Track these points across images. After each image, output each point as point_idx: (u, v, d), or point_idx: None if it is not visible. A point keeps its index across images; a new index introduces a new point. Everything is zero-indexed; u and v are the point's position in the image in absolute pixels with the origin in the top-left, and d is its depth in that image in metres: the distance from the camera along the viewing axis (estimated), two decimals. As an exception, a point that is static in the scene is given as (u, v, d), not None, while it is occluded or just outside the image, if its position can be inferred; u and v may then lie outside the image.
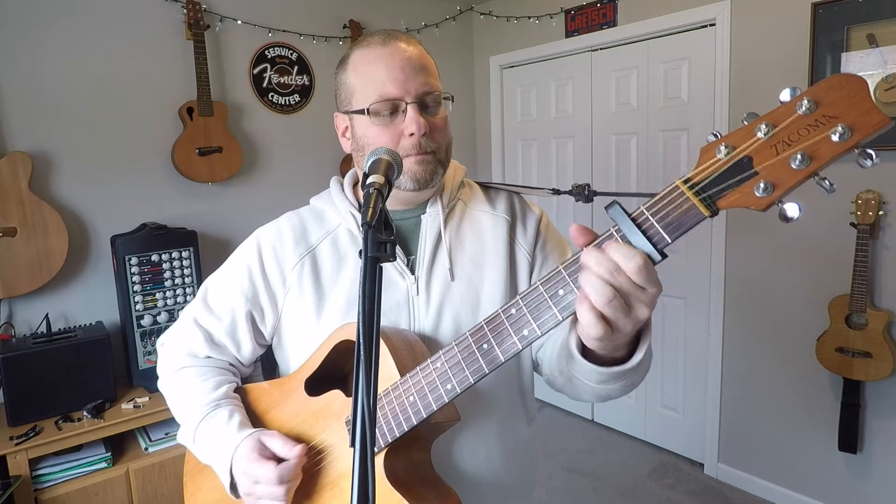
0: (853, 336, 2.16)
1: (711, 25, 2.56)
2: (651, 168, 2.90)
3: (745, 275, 2.58)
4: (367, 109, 0.84)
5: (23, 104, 2.15)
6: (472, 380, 0.69)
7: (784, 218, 0.53)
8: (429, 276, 0.89)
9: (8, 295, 2.05)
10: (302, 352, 0.90)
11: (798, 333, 2.41)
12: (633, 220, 0.58)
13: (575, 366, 0.71)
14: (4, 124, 2.12)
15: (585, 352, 0.69)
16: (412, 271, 0.90)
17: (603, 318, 0.58)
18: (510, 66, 3.51)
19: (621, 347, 0.67)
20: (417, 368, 0.74)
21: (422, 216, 0.93)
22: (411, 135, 0.83)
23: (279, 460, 0.81)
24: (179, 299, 2.28)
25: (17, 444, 1.82)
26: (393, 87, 0.82)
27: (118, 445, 2.09)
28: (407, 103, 0.83)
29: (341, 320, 0.87)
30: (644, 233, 0.57)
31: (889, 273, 2.14)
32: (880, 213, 2.09)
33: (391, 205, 0.92)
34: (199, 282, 2.31)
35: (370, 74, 0.84)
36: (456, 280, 0.90)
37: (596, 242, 0.60)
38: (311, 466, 0.84)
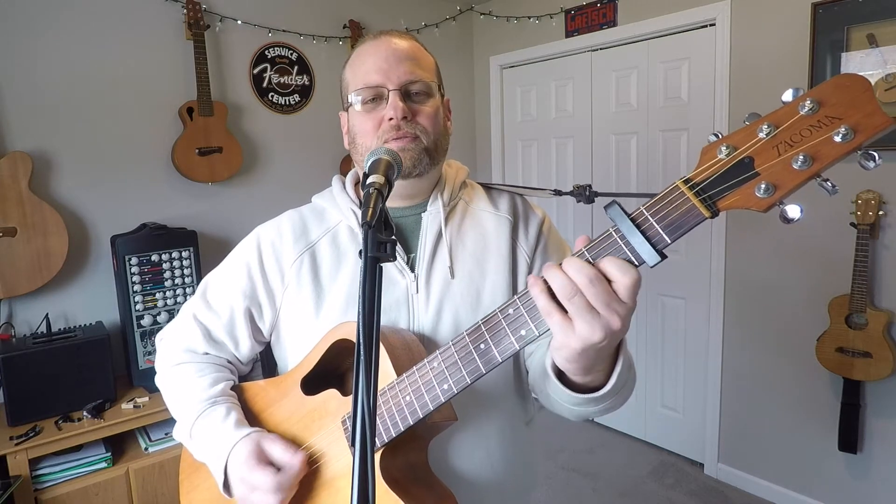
0: (853, 336, 2.16)
1: (711, 25, 2.56)
2: (651, 168, 2.89)
3: (745, 275, 2.58)
4: (352, 97, 0.87)
5: (23, 104, 2.15)
6: (468, 380, 0.68)
7: (785, 219, 0.53)
8: (428, 273, 0.89)
9: (8, 295, 2.05)
10: (300, 349, 0.89)
11: (798, 333, 2.41)
12: (633, 220, 0.58)
13: (551, 386, 0.73)
14: (4, 124, 2.12)
15: (562, 374, 0.70)
16: (412, 269, 0.89)
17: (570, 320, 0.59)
18: (510, 66, 3.51)
19: (594, 370, 0.67)
20: (414, 368, 0.73)
21: (422, 214, 0.92)
22: (390, 119, 0.84)
23: (277, 466, 0.79)
24: (179, 299, 2.28)
25: (17, 444, 1.82)
26: (376, 75, 0.85)
27: (118, 445, 2.08)
28: (389, 90, 0.84)
29: (340, 317, 0.87)
30: (643, 233, 0.57)
31: (889, 273, 2.14)
32: (880, 213, 2.09)
33: (391, 201, 0.92)
34: (199, 282, 2.31)
35: (359, 67, 0.88)
36: (456, 278, 0.89)
37: (589, 246, 0.60)
38: (307, 466, 0.83)
